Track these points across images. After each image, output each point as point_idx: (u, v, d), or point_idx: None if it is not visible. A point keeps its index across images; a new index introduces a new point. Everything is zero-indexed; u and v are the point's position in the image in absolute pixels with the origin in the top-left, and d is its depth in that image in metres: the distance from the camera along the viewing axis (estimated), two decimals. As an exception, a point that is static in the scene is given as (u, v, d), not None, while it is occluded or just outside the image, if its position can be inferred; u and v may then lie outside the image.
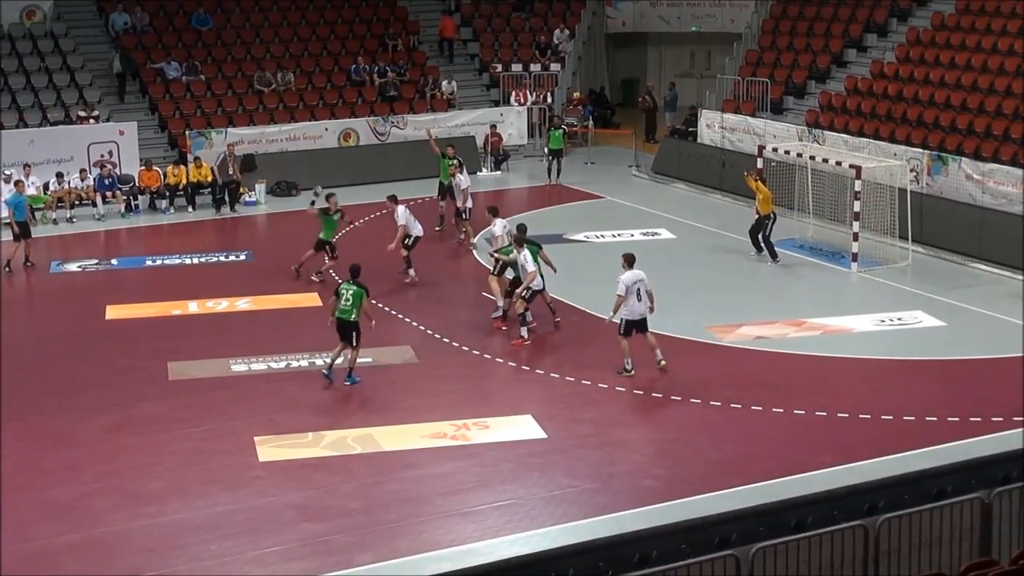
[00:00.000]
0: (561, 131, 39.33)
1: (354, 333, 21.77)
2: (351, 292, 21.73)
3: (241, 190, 36.20)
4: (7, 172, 33.93)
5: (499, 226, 26.34)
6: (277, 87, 41.64)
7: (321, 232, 27.74)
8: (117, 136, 36.98)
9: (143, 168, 36.07)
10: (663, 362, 22.21)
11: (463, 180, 30.90)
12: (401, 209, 27.87)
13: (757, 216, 29.63)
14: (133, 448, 19.55)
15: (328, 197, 28.34)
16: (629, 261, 22.46)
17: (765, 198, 29.27)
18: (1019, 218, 28.96)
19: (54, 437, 19.86)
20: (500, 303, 25.12)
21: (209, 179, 36.08)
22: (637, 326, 22.17)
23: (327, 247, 27.75)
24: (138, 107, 40.22)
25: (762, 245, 29.48)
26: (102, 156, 36.46)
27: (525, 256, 23.78)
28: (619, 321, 22.16)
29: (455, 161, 31.91)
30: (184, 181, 36.04)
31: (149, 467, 18.73)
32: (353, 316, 21.69)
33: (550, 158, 38.85)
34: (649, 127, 45.29)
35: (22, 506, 17.34)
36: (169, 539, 16.53)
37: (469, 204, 31.10)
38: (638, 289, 22.09)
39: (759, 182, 29.67)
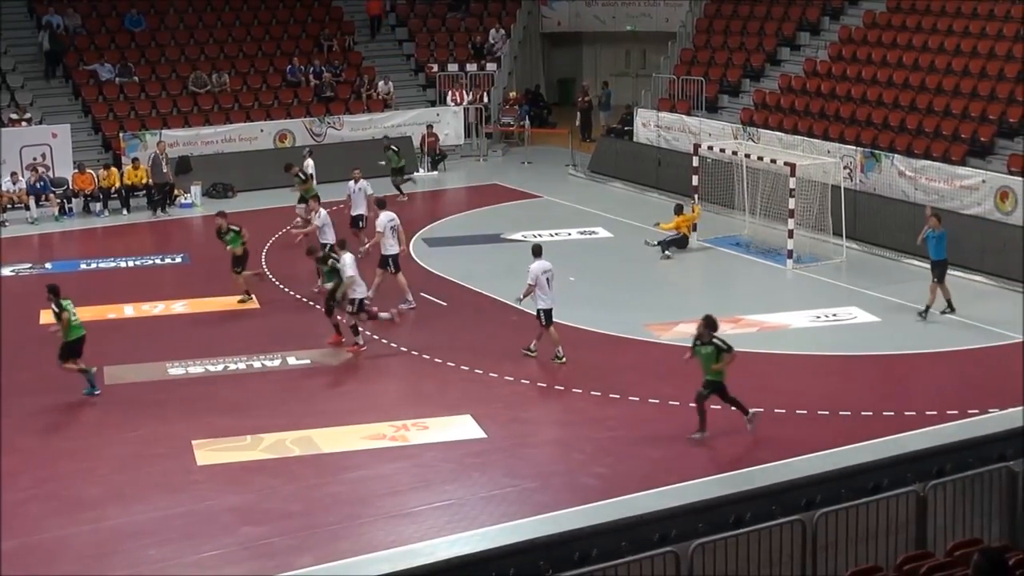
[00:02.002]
0: (393, 151, 37.54)
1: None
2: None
3: (176, 192, 35.96)
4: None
5: (384, 218, 26.18)
6: (212, 88, 41.41)
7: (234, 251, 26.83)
8: (50, 139, 36.66)
9: (76, 171, 35.76)
10: (563, 359, 22.64)
11: (367, 186, 30.38)
12: (323, 213, 27.36)
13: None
14: (70, 453, 19.37)
15: (219, 214, 27.71)
16: (536, 252, 23.02)
17: (685, 221, 30.06)
18: (951, 214, 29.31)
19: (-12, 443, 19.64)
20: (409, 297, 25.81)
21: (144, 181, 35.82)
22: (549, 314, 22.74)
23: (239, 261, 26.89)
24: (71, 109, 39.87)
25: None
26: (35, 159, 36.10)
27: (345, 262, 23.58)
28: (539, 314, 22.71)
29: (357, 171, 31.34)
30: (118, 183, 35.75)
31: (86, 472, 18.58)
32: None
33: (394, 176, 36.91)
34: (585, 126, 45.41)
35: (-43, 514, 17.14)
36: (107, 545, 16.41)
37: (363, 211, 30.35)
38: (547, 278, 22.58)
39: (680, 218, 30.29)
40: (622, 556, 12.41)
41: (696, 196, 31.96)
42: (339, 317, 23.88)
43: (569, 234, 32.58)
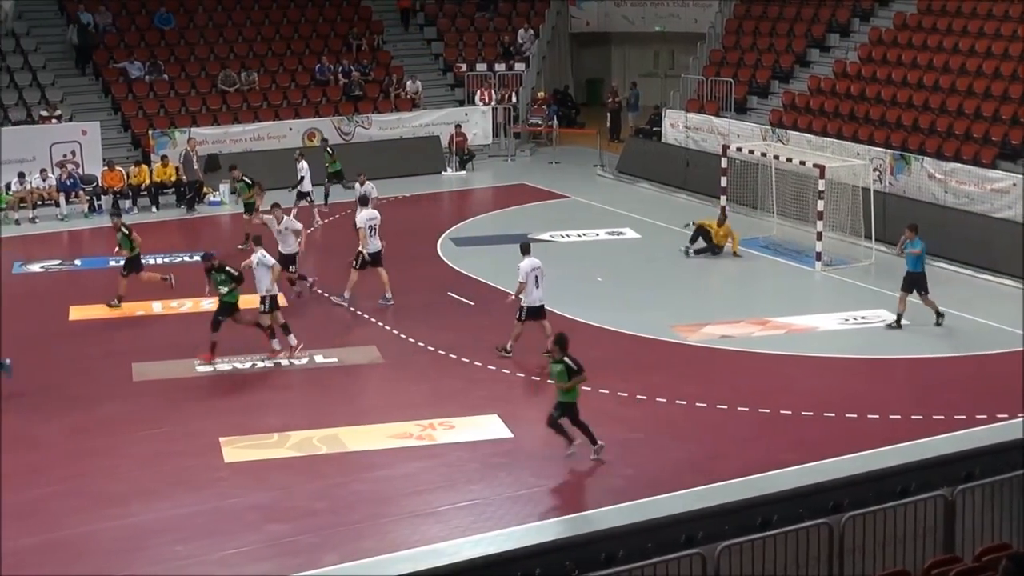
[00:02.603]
0: (329, 152, 36.75)
1: None
2: None
3: (205, 190, 36.08)
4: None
5: (364, 215, 26.35)
6: (241, 87, 41.51)
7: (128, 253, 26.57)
8: (80, 136, 36.83)
9: (106, 168, 35.93)
10: (510, 354, 22.84)
11: (372, 189, 30.42)
12: (287, 219, 26.97)
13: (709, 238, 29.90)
14: (96, 450, 19.43)
15: (113, 218, 27.56)
16: (525, 249, 23.06)
17: (725, 234, 29.81)
18: (980, 217, 29.17)
19: (16, 439, 19.67)
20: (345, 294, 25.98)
21: (173, 179, 35.94)
22: (535, 313, 22.77)
23: (133, 264, 26.60)
24: (101, 106, 40.03)
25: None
26: (65, 156, 36.27)
27: (260, 257, 23.46)
28: (521, 311, 22.78)
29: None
30: (147, 181, 35.88)
31: (113, 469, 18.63)
32: None
33: (328, 182, 35.89)
34: (614, 127, 45.36)
35: (-16, 509, 17.22)
36: (132, 541, 16.43)
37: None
38: (536, 276, 22.62)
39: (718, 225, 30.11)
40: (648, 557, 12.38)
41: (724, 198, 31.88)
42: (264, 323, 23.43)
43: (597, 234, 32.55)
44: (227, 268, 23.09)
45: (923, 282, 24.36)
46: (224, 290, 22.97)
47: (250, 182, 31.93)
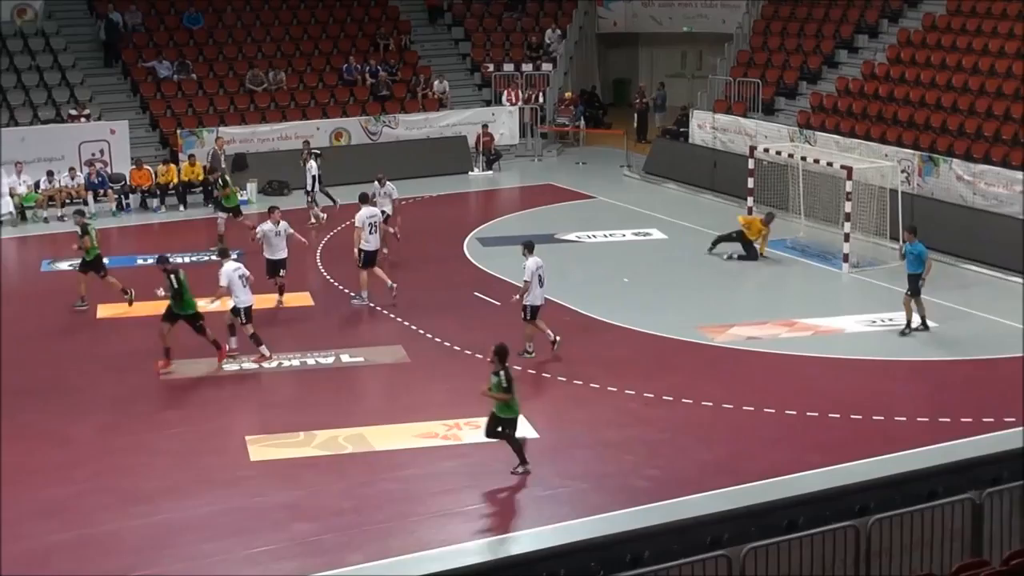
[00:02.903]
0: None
1: None
2: None
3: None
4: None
5: (364, 213, 26.40)
6: (268, 86, 41.61)
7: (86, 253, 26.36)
8: (108, 135, 36.99)
9: (134, 167, 36.08)
10: (558, 340, 23.07)
11: (393, 189, 30.26)
12: (266, 226, 26.23)
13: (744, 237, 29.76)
14: (124, 448, 19.52)
15: (76, 215, 27.49)
16: (530, 248, 23.16)
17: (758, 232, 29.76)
18: (1010, 219, 29.03)
19: (45, 436, 19.81)
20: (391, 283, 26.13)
21: (200, 177, 36.06)
22: (537, 311, 22.98)
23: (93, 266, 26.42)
24: (129, 105, 40.19)
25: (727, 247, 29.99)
26: (93, 155, 36.43)
27: (221, 272, 23.14)
28: (526, 310, 22.89)
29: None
30: (175, 180, 36.02)
31: (140, 467, 18.71)
32: None
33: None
34: (641, 127, 45.30)
35: (13, 505, 17.28)
36: (160, 539, 16.51)
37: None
38: (540, 275, 22.75)
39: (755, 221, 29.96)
40: (674, 558, 12.38)
41: (751, 199, 31.82)
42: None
43: (623, 235, 32.52)
44: (178, 275, 22.58)
45: (915, 284, 24.18)
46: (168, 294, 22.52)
47: (224, 183, 31.76)
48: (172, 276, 22.55)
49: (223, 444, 19.39)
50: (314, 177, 33.45)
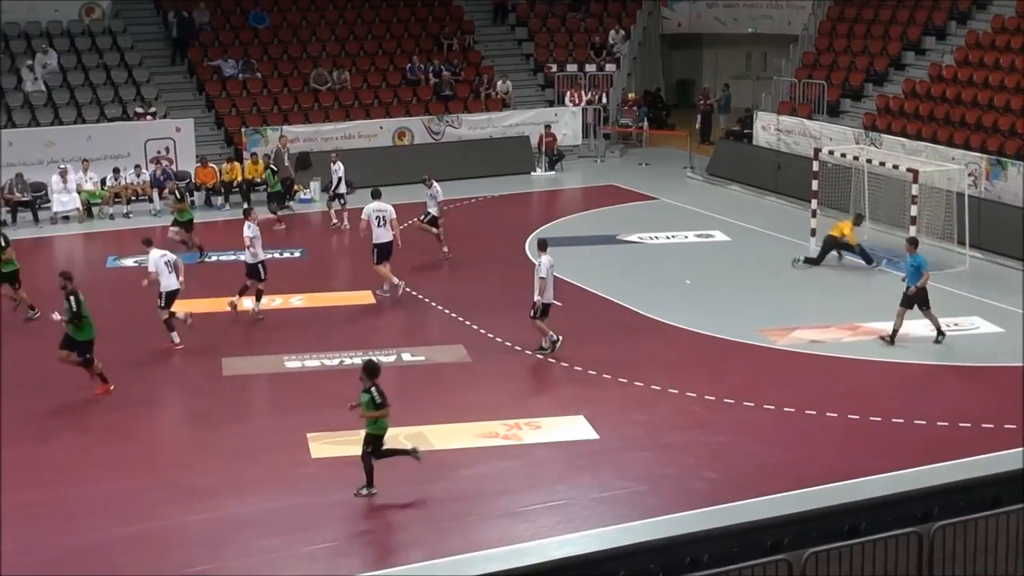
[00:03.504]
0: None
1: None
2: None
3: (296, 187, 36.37)
4: (61, 167, 34.38)
5: (370, 207, 26.65)
6: (333, 86, 41.82)
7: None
8: (174, 133, 37.34)
9: (199, 165, 36.38)
10: (559, 341, 23.06)
11: (438, 191, 30.11)
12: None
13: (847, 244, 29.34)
14: (186, 443, 19.69)
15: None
16: (543, 246, 23.37)
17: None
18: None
19: (108, 430, 20.03)
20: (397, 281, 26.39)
21: (264, 176, 36.24)
22: (547, 309, 23.08)
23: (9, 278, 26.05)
24: (195, 104, 40.54)
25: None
26: (159, 152, 36.77)
27: (150, 259, 23.86)
28: (537, 308, 23.03)
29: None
30: (239, 178, 36.26)
31: (201, 462, 18.85)
32: None
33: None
34: (704, 128, 45.11)
35: (76, 499, 17.48)
36: (221, 534, 16.62)
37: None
38: (552, 273, 22.95)
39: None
40: (734, 562, 12.28)
41: (815, 201, 31.56)
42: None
43: (686, 237, 32.40)
44: (77, 297, 21.44)
45: (906, 296, 23.78)
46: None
47: (179, 195, 31.44)
48: (72, 298, 21.28)
49: (284, 441, 19.47)
50: (340, 179, 33.51)
